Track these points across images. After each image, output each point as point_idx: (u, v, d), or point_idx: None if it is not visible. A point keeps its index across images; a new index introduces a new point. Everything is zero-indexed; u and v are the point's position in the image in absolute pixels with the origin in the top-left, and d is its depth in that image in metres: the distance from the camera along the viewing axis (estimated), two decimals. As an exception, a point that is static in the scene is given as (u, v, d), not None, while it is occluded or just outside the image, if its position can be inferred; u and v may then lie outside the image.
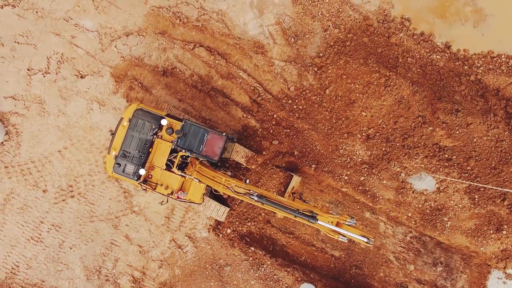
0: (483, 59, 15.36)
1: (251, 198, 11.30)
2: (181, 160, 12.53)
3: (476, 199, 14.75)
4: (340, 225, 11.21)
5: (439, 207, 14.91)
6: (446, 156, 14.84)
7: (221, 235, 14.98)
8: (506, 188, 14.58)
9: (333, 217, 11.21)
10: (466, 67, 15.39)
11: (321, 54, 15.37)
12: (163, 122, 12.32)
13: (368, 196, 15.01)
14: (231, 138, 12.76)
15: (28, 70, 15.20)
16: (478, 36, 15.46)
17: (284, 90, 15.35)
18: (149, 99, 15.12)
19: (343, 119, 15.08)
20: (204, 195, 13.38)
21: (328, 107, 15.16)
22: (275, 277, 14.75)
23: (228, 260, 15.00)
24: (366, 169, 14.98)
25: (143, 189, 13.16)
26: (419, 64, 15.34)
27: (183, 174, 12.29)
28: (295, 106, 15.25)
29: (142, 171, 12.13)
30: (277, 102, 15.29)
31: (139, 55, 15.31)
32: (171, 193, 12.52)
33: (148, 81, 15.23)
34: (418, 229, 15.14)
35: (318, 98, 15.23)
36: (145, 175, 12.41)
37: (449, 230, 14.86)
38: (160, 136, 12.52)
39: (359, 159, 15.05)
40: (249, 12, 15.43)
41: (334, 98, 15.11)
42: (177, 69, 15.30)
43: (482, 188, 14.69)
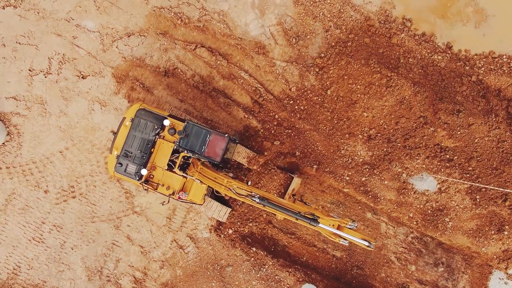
0: (484, 59, 15.36)
1: (253, 200, 11.24)
2: (183, 160, 12.51)
3: (478, 200, 14.74)
4: (341, 228, 11.12)
5: (441, 207, 14.90)
6: (448, 156, 14.84)
7: (222, 236, 14.97)
8: (507, 189, 14.57)
9: (335, 220, 11.10)
10: (467, 67, 15.39)
11: (322, 55, 15.36)
12: (166, 122, 12.29)
13: (370, 196, 15.00)
14: (233, 139, 12.70)
15: (30, 70, 15.19)
16: (480, 37, 15.46)
17: (285, 91, 15.34)
18: (151, 99, 15.11)
19: (345, 119, 15.08)
20: (205, 195, 13.38)
21: (330, 107, 15.16)
22: (277, 277, 14.74)
23: (229, 260, 14.99)
24: (367, 170, 14.98)
25: (145, 189, 13.14)
26: (421, 65, 15.34)
27: (184, 174, 12.28)
28: (296, 107, 15.24)
29: (144, 171, 12.08)
30: (278, 102, 15.29)
31: (141, 55, 15.31)
32: (173, 193, 12.50)
33: (149, 81, 15.23)
34: (419, 230, 15.13)
35: (319, 99, 15.23)
36: (147, 175, 12.38)
37: (450, 231, 14.85)
38: (162, 137, 12.50)
39: (361, 160, 15.05)
40: (251, 12, 15.43)
41: (336, 98, 15.11)
42: (179, 70, 15.30)
43: (483, 189, 14.68)
